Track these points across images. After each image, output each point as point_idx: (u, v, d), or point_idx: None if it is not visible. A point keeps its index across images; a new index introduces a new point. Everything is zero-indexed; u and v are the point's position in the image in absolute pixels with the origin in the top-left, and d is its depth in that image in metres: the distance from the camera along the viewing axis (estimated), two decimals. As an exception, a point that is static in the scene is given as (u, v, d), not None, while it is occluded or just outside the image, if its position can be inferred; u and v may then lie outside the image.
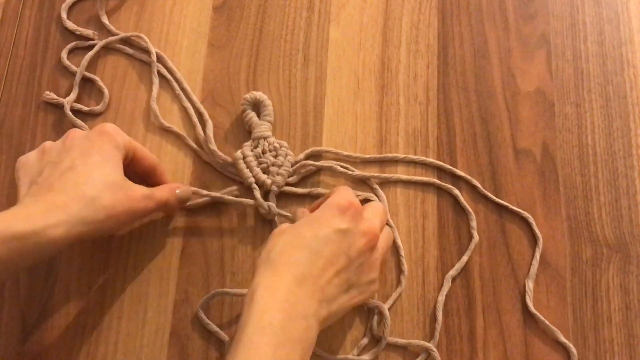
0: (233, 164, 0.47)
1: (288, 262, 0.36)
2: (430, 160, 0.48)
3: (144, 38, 0.51)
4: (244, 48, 0.51)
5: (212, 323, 0.43)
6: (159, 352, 0.43)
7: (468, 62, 0.51)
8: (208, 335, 0.43)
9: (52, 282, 0.44)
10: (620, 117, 0.50)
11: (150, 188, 0.41)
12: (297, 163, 0.47)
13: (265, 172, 0.46)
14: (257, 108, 0.48)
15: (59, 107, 0.49)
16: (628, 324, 0.44)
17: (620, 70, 0.51)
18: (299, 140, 0.49)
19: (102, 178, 0.38)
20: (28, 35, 0.51)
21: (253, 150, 0.46)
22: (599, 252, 0.46)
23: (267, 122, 0.47)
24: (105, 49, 0.51)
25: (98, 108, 0.49)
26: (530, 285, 0.45)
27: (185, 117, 0.49)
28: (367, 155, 0.48)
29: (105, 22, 0.51)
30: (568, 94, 0.51)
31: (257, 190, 0.45)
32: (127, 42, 0.51)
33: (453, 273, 0.45)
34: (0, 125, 0.49)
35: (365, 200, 0.46)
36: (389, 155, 0.48)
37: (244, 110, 0.48)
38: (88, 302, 0.44)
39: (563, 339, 0.43)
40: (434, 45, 0.52)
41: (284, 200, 0.47)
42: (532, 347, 0.44)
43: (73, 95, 0.49)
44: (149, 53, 0.50)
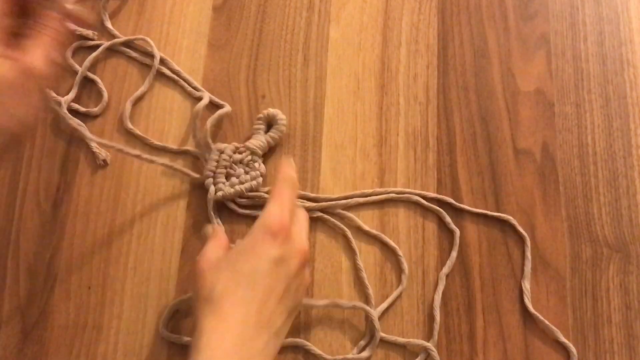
0: (208, 150, 0.46)
1: (231, 304, 0.35)
2: (418, 192, 0.48)
3: (149, 41, 0.50)
4: (244, 48, 0.51)
5: (181, 335, 0.43)
6: (159, 352, 0.43)
7: (468, 62, 0.51)
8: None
9: (52, 282, 0.44)
10: (620, 117, 0.50)
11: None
12: (255, 192, 0.46)
13: (227, 178, 0.46)
14: (270, 125, 0.48)
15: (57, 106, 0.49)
16: (628, 324, 0.44)
17: (620, 70, 0.51)
18: (299, 140, 0.49)
19: None
20: (28, 35, 0.51)
21: (234, 154, 0.46)
22: (599, 252, 0.46)
23: (270, 138, 0.47)
24: (108, 51, 0.51)
25: (95, 110, 0.49)
26: (527, 286, 0.45)
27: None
28: (333, 196, 0.47)
29: (109, 26, 0.51)
30: (568, 94, 0.51)
31: (211, 188, 0.45)
32: (130, 45, 0.51)
33: (446, 270, 0.45)
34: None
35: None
36: (357, 193, 0.47)
37: (257, 123, 0.48)
38: (88, 302, 0.44)
39: (563, 339, 0.43)
40: (434, 45, 0.52)
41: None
42: (532, 347, 0.44)
43: (71, 95, 0.49)
44: (152, 56, 0.50)
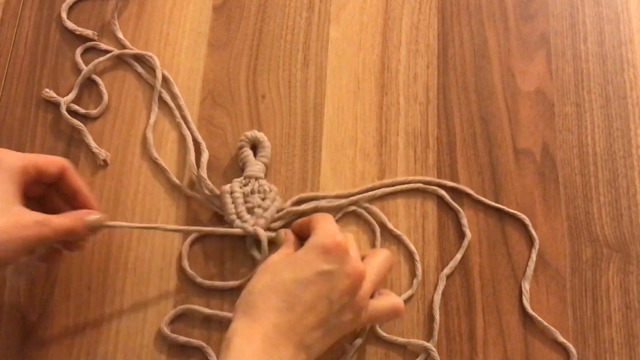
0: (219, 197, 0.45)
1: (266, 307, 0.35)
2: (427, 179, 0.48)
3: (155, 60, 0.50)
4: (244, 48, 0.51)
5: (180, 336, 0.43)
6: (159, 352, 0.43)
7: (468, 62, 0.51)
8: (208, 336, 0.43)
9: (52, 282, 0.44)
10: (620, 117, 0.50)
11: (48, 215, 0.37)
12: (282, 210, 0.46)
13: (250, 212, 0.45)
14: (255, 147, 0.48)
15: (58, 106, 0.49)
16: (628, 324, 0.44)
17: (620, 70, 0.51)
18: (299, 141, 0.49)
19: None
20: (28, 35, 0.51)
21: (242, 188, 0.45)
22: (599, 252, 0.46)
23: (262, 162, 0.47)
24: (113, 58, 0.51)
25: (94, 112, 0.49)
26: (527, 287, 0.45)
27: (182, 145, 0.48)
28: (354, 190, 0.47)
29: (120, 36, 0.51)
30: (568, 94, 0.51)
31: (239, 223, 0.44)
32: (138, 58, 0.51)
33: (447, 271, 0.45)
34: (0, 125, 0.49)
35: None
36: (376, 183, 0.47)
37: (242, 147, 0.47)
38: (88, 302, 0.44)
39: (562, 339, 0.43)
40: (434, 45, 0.52)
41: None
42: (532, 347, 0.44)
43: (71, 96, 0.49)
44: (156, 73, 0.50)
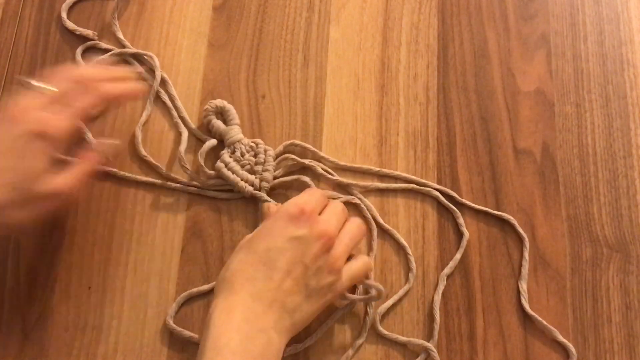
0: (218, 176, 0.46)
1: (243, 279, 0.36)
2: (425, 183, 0.48)
3: (155, 60, 0.50)
4: (244, 48, 0.51)
5: (184, 330, 0.43)
6: (159, 352, 0.43)
7: (468, 62, 0.51)
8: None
9: (52, 282, 0.44)
10: (620, 117, 0.50)
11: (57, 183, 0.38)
12: (278, 157, 0.47)
13: (251, 172, 0.46)
14: (221, 116, 0.48)
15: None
16: (628, 324, 0.44)
17: (620, 70, 0.51)
18: (299, 140, 0.49)
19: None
20: (28, 35, 0.51)
21: (232, 156, 0.46)
22: (599, 252, 0.46)
23: (235, 125, 0.47)
24: (113, 57, 0.50)
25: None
26: (524, 287, 0.45)
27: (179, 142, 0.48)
28: (349, 164, 0.48)
29: (120, 37, 0.51)
30: (568, 94, 0.51)
31: (249, 187, 0.45)
32: (137, 58, 0.51)
33: (447, 271, 0.45)
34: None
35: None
36: (373, 169, 0.48)
37: (209, 121, 0.47)
38: (88, 302, 0.44)
39: (561, 339, 0.43)
40: (434, 45, 0.52)
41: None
42: (532, 347, 0.44)
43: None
44: (154, 74, 0.50)
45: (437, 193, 0.47)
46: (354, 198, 0.47)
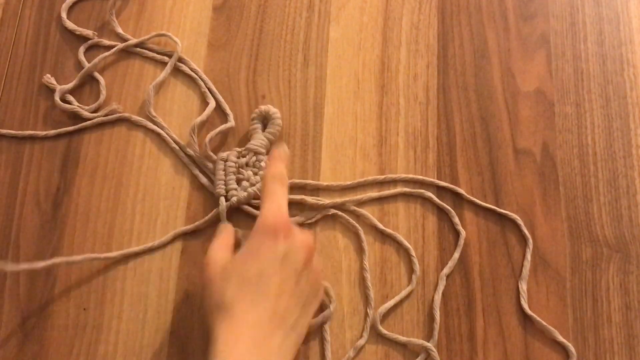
0: (214, 162, 0.46)
1: (243, 306, 0.36)
2: (421, 178, 0.48)
3: (169, 35, 0.50)
4: (244, 48, 0.51)
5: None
6: (159, 352, 0.43)
7: (468, 62, 0.51)
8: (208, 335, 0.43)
9: (52, 282, 0.44)
10: (620, 117, 0.50)
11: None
12: None
13: (239, 183, 0.46)
14: (265, 122, 0.48)
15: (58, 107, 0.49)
16: (628, 324, 0.44)
17: (620, 70, 0.51)
18: (299, 140, 0.49)
19: None
20: (28, 35, 0.51)
21: (239, 159, 0.46)
22: (599, 252, 0.46)
23: (267, 138, 0.47)
24: (117, 53, 0.51)
25: (87, 108, 0.48)
26: (524, 287, 0.45)
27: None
28: (346, 182, 0.47)
29: (120, 31, 0.51)
30: (568, 94, 0.51)
31: (222, 192, 0.45)
32: (144, 46, 0.51)
33: (447, 271, 0.45)
34: (0, 125, 0.49)
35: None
36: (369, 179, 0.47)
37: (253, 120, 0.48)
38: (88, 302, 0.44)
39: (561, 339, 0.43)
40: (434, 45, 0.52)
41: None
42: (532, 347, 0.44)
43: (69, 85, 0.49)
44: (166, 55, 0.50)
45: (430, 194, 0.47)
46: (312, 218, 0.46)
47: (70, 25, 0.51)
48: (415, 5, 0.53)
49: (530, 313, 0.44)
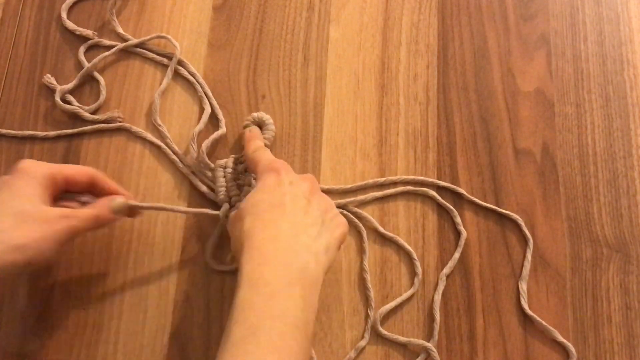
0: (212, 170, 0.46)
1: (260, 226, 0.38)
2: (422, 179, 0.48)
3: (169, 38, 0.50)
4: (244, 48, 0.51)
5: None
6: (159, 352, 0.43)
7: (468, 62, 0.51)
8: (208, 335, 0.43)
9: (52, 282, 0.44)
10: (620, 117, 0.50)
11: (74, 209, 0.40)
12: None
13: (240, 189, 0.46)
14: (260, 128, 0.48)
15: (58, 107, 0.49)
16: (628, 324, 0.44)
17: (620, 70, 0.51)
18: (299, 140, 0.49)
19: (8, 211, 0.37)
20: (28, 35, 0.51)
21: (237, 165, 0.46)
22: (599, 252, 0.46)
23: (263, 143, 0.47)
24: (117, 53, 0.51)
25: (87, 108, 0.49)
26: (524, 287, 0.45)
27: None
28: (347, 185, 0.47)
29: (121, 31, 0.51)
30: (568, 94, 0.51)
31: (226, 206, 0.45)
32: (145, 46, 0.51)
33: (447, 271, 0.45)
34: (0, 125, 0.49)
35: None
36: (370, 182, 0.47)
37: (246, 126, 0.47)
38: (88, 302, 0.44)
39: (561, 339, 0.43)
40: (434, 45, 0.52)
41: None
42: (532, 347, 0.44)
43: (69, 85, 0.49)
44: (166, 57, 0.50)
45: (433, 193, 0.47)
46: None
47: (71, 25, 0.51)
48: (415, 5, 0.53)
49: (531, 313, 0.44)
